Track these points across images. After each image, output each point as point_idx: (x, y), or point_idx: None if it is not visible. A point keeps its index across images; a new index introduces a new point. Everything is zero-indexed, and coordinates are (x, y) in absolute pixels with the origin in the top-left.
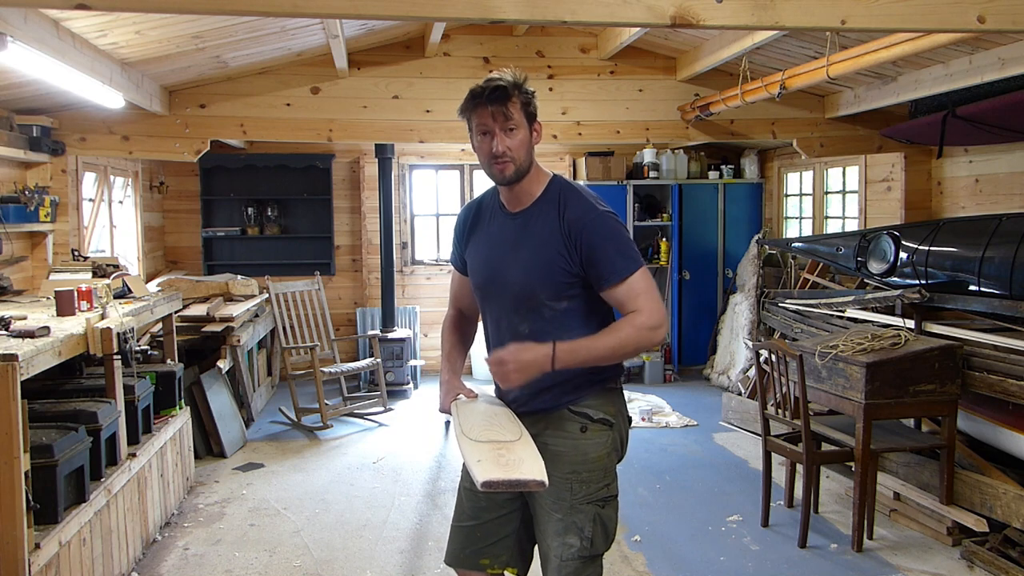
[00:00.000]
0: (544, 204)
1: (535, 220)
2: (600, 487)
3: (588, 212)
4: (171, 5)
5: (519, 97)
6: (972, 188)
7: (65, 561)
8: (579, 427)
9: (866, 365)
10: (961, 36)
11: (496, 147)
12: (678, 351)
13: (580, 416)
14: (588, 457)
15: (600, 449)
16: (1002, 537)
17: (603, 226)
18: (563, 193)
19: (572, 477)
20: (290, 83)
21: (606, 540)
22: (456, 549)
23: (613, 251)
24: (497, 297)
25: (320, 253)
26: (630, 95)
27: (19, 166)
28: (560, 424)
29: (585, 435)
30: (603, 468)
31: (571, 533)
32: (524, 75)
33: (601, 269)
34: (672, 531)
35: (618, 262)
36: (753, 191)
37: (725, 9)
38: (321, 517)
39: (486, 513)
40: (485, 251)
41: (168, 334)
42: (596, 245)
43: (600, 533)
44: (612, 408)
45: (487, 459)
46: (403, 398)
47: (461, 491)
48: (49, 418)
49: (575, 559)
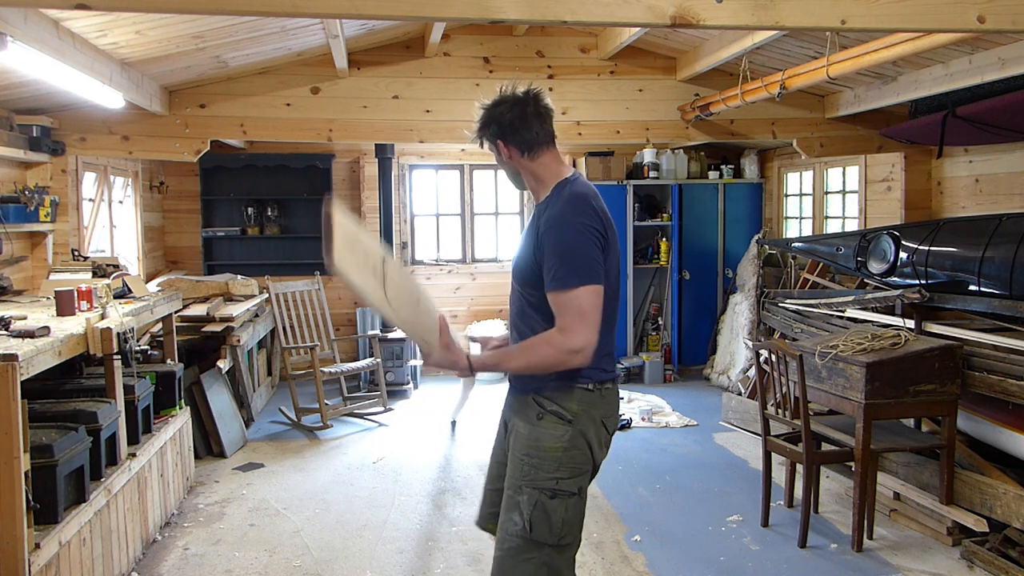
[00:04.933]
0: (543, 204)
1: (534, 218)
2: (548, 477)
3: (555, 217)
4: (171, 5)
5: (487, 139)
6: (972, 188)
7: (65, 561)
8: (535, 414)
9: (866, 365)
10: (961, 36)
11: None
12: (678, 351)
13: (538, 404)
14: (540, 444)
15: (553, 440)
16: (1002, 537)
17: (565, 236)
18: (554, 196)
19: (525, 459)
20: (290, 83)
21: (549, 532)
22: (481, 508)
23: (561, 262)
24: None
25: (320, 253)
26: (630, 95)
27: (19, 166)
28: (524, 407)
29: (540, 423)
30: (556, 460)
31: (514, 510)
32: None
33: (547, 274)
34: (672, 531)
35: (561, 273)
36: (753, 191)
37: (725, 9)
38: (321, 517)
39: (499, 480)
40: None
41: (168, 334)
42: (549, 251)
43: (541, 520)
44: (574, 405)
45: (363, 265)
46: (403, 398)
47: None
48: (49, 418)
49: (516, 537)
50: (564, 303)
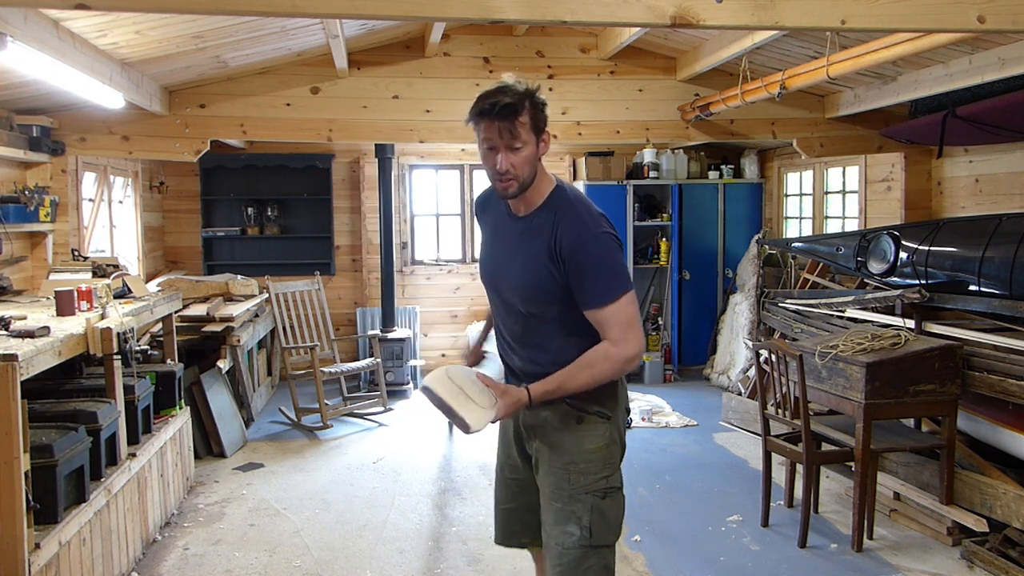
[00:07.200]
0: (542, 215)
1: (532, 231)
2: (599, 478)
3: (581, 234)
4: (171, 5)
5: (528, 111)
6: (972, 188)
7: (65, 561)
8: (575, 418)
9: (866, 365)
10: (961, 36)
11: (500, 164)
12: (678, 351)
13: (576, 408)
14: (585, 448)
15: (597, 440)
16: (1002, 537)
17: (594, 249)
18: (561, 208)
19: (570, 467)
20: (290, 83)
21: (608, 531)
22: (501, 528)
23: (599, 276)
24: (497, 294)
25: (320, 253)
26: (630, 95)
27: (19, 166)
28: (558, 416)
29: (581, 426)
30: (601, 459)
31: (571, 522)
32: (537, 85)
33: (585, 291)
34: (672, 531)
35: (601, 287)
36: (753, 191)
37: (725, 9)
38: (321, 517)
39: (520, 496)
40: (490, 247)
41: (168, 334)
42: (583, 268)
43: (600, 523)
44: (610, 401)
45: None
46: (403, 398)
47: (497, 477)
48: (49, 418)
49: (575, 548)
50: (609, 316)
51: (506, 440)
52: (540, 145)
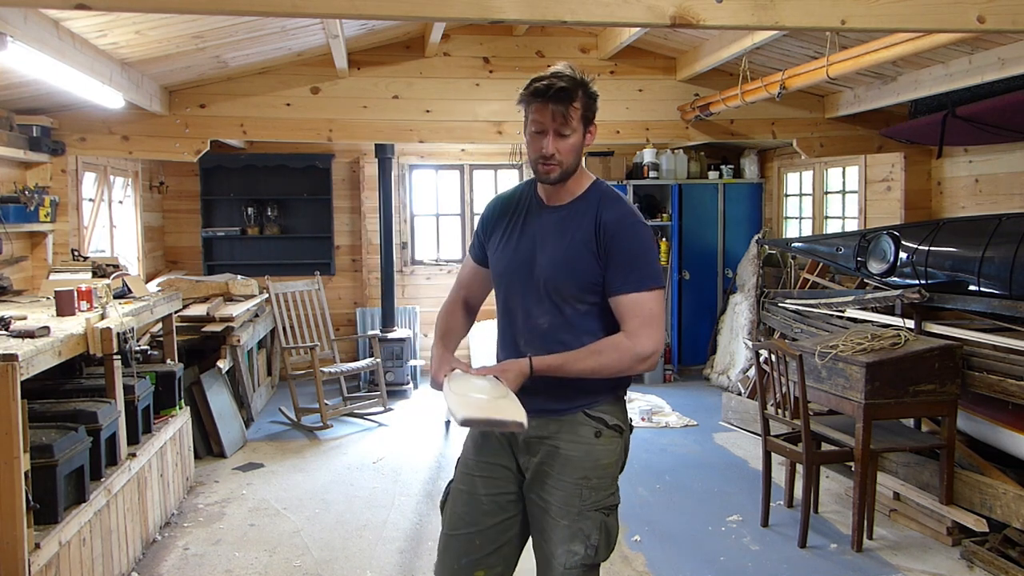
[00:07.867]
0: (582, 204)
1: (571, 218)
2: (607, 495)
3: (625, 217)
4: (171, 5)
5: (581, 99)
6: (972, 188)
7: (65, 561)
8: (594, 432)
9: (866, 365)
10: (961, 36)
11: (547, 148)
12: (678, 351)
13: (596, 421)
14: (600, 463)
15: (609, 456)
16: (1002, 537)
17: (634, 234)
18: (604, 197)
19: (583, 483)
20: (290, 83)
21: (608, 549)
22: (451, 560)
23: (633, 261)
24: (521, 288)
25: (320, 253)
26: (630, 95)
27: (19, 166)
28: (574, 428)
29: (599, 441)
30: (611, 476)
31: (577, 540)
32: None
33: (615, 274)
34: (672, 531)
35: (633, 273)
36: (753, 191)
37: (725, 9)
38: (321, 517)
39: (488, 518)
40: (515, 241)
41: (168, 334)
42: (620, 250)
43: (604, 541)
44: (624, 416)
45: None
46: (403, 398)
47: (456, 498)
48: (49, 418)
49: (578, 567)
50: (634, 306)
51: (490, 451)
52: (587, 135)
